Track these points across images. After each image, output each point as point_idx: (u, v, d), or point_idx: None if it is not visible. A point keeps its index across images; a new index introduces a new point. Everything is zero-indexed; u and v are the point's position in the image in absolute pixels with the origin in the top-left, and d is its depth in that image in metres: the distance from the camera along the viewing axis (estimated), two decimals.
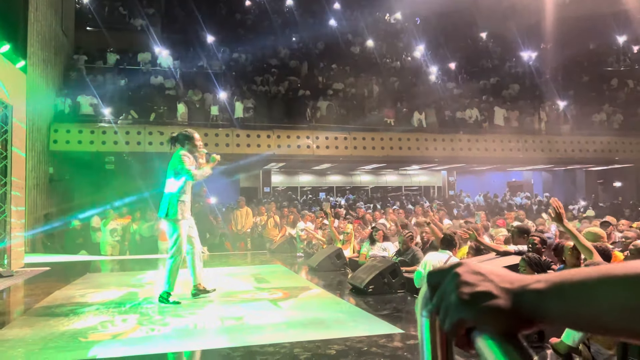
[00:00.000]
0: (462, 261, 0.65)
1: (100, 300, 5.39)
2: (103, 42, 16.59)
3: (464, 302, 0.58)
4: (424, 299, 0.67)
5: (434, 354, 0.67)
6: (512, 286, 0.58)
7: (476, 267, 0.62)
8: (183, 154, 5.02)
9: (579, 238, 3.82)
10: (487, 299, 0.57)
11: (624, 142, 17.01)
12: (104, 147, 13.22)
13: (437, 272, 0.64)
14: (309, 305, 5.03)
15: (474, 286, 0.59)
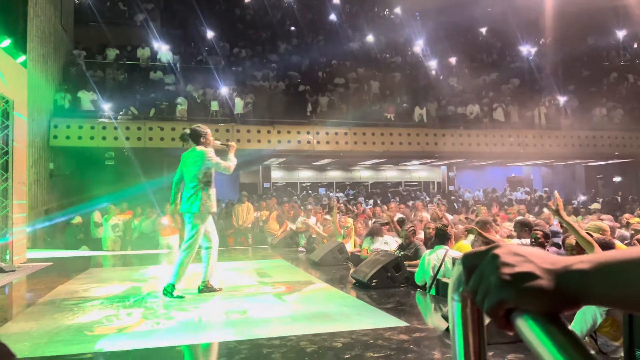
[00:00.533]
0: (500, 243, 0.65)
1: (104, 294, 5.39)
2: (102, 38, 16.56)
3: (505, 282, 0.58)
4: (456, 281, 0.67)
5: (466, 337, 0.67)
6: (554, 267, 0.58)
7: (515, 248, 0.62)
8: (207, 152, 5.12)
9: (579, 231, 3.82)
10: (529, 280, 0.57)
11: (624, 137, 17.03)
12: (104, 142, 13.21)
13: (473, 254, 0.64)
14: (313, 299, 5.04)
15: (514, 267, 0.59)
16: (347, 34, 21.99)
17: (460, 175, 24.04)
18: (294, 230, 10.32)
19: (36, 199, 11.55)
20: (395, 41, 22.69)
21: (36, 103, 11.61)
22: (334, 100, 15.92)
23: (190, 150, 5.24)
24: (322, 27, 22.75)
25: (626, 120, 17.38)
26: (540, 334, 0.56)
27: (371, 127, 15.25)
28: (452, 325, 0.67)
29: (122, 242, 10.76)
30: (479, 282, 0.61)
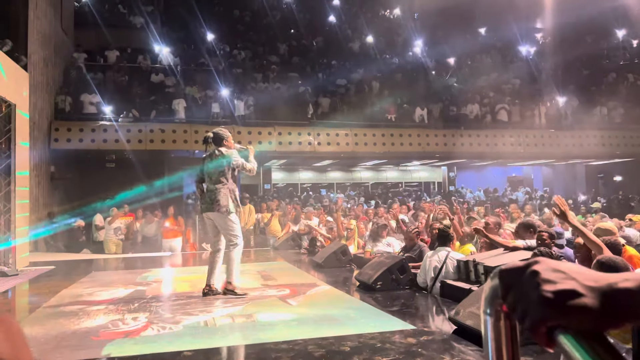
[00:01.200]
0: (539, 259, 0.64)
1: (109, 298, 5.39)
2: (103, 40, 16.56)
3: (547, 300, 0.57)
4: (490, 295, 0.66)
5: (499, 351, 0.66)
6: (597, 284, 0.57)
7: (555, 264, 0.61)
8: (232, 153, 5.31)
9: (586, 234, 3.82)
10: (572, 297, 0.57)
11: (624, 136, 17.05)
12: (105, 145, 13.20)
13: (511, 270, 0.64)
14: (318, 301, 5.03)
15: (556, 284, 0.58)
16: (347, 34, 22.00)
17: (460, 176, 24.03)
18: (296, 232, 10.33)
19: (38, 202, 11.55)
20: (395, 42, 22.70)
21: (37, 106, 11.62)
22: (334, 102, 15.92)
23: (213, 152, 5.35)
24: (322, 28, 22.75)
25: (626, 119, 17.39)
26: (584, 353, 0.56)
27: (372, 128, 15.26)
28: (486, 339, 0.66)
29: (123, 244, 10.76)
30: (519, 299, 0.61)
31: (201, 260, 9.75)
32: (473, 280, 5.03)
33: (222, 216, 5.22)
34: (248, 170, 5.37)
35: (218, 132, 5.43)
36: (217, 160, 5.27)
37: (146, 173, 13.79)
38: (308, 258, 8.60)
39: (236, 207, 5.30)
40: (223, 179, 5.23)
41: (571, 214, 4.18)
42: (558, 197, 4.16)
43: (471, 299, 3.95)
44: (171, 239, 10.24)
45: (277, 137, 14.43)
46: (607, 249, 3.83)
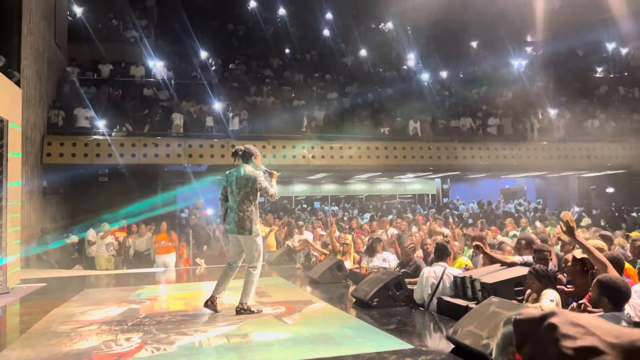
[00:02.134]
0: (556, 310, 0.62)
1: (101, 318, 5.30)
2: (96, 54, 16.55)
3: (567, 357, 0.55)
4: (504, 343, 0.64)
5: None
6: (619, 341, 0.55)
7: (574, 317, 0.59)
8: (259, 175, 5.29)
9: (592, 251, 3.80)
10: (593, 355, 0.54)
11: (616, 149, 17.17)
12: (98, 159, 13.13)
13: (527, 321, 0.62)
14: (314, 320, 4.97)
15: (576, 340, 0.56)
16: (341, 48, 22.15)
17: (454, 188, 24.12)
18: (291, 247, 10.26)
19: (30, 218, 11.42)
20: (388, 55, 22.87)
21: (29, 121, 11.55)
22: (328, 115, 15.96)
23: (238, 170, 5.31)
24: (316, 42, 22.89)
25: (617, 132, 17.55)
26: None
27: (366, 141, 15.29)
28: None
29: (115, 260, 10.64)
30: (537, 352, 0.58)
31: (195, 276, 9.67)
32: (470, 297, 5.01)
33: (248, 238, 5.26)
34: (270, 195, 5.33)
35: (249, 148, 5.43)
36: (242, 180, 5.23)
37: (139, 187, 13.70)
38: (303, 273, 8.54)
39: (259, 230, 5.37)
40: (248, 200, 5.24)
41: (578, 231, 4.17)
42: (566, 213, 4.16)
43: (469, 317, 3.92)
44: (164, 255, 10.14)
45: (271, 150, 14.42)
46: (612, 267, 3.81)
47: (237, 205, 5.24)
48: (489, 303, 3.92)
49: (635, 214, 16.10)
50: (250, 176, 5.23)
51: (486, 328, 3.61)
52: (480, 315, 3.81)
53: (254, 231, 5.25)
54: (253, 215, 5.27)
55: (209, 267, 10.33)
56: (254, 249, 5.31)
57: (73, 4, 16.85)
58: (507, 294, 4.61)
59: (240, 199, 5.24)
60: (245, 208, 5.23)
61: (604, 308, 3.32)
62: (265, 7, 23.99)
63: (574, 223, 3.87)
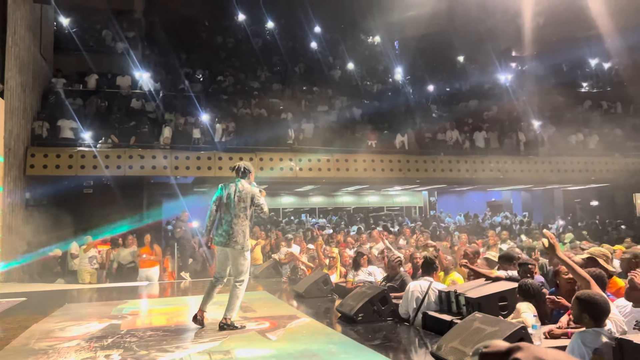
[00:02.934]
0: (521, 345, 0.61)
1: (81, 334, 5.19)
2: (82, 66, 16.43)
3: None
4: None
5: None
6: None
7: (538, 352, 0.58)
8: (256, 191, 5.40)
9: (574, 268, 3.82)
10: None
11: (599, 162, 17.41)
12: (82, 171, 12.97)
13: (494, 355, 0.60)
14: (298, 336, 4.92)
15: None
16: (329, 61, 22.27)
17: (441, 200, 24.22)
18: (277, 260, 10.20)
19: (11, 230, 11.23)
20: (375, 69, 23.05)
21: (13, 132, 11.41)
22: (316, 128, 15.98)
23: (236, 183, 5.38)
24: (304, 55, 23.00)
25: (601, 146, 17.81)
26: None
27: (353, 154, 15.32)
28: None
29: (98, 274, 10.47)
30: None
31: (180, 290, 9.55)
32: (455, 312, 4.99)
33: (238, 252, 5.30)
34: (264, 212, 5.48)
35: (248, 165, 5.57)
36: (242, 194, 5.30)
37: (125, 199, 13.55)
38: (289, 287, 8.47)
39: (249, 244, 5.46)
40: (244, 215, 5.30)
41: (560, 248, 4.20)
42: (546, 232, 4.17)
43: (453, 333, 3.91)
44: (147, 268, 10.00)
45: (259, 162, 14.37)
46: (594, 283, 3.83)
47: (231, 219, 5.27)
48: (473, 319, 3.92)
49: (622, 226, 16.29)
50: (249, 191, 5.33)
51: (470, 344, 3.60)
52: (464, 331, 3.80)
53: (245, 246, 5.30)
54: (246, 229, 5.33)
55: (193, 281, 10.22)
56: (241, 264, 5.33)
57: (59, 15, 16.74)
58: (492, 308, 4.61)
59: (236, 212, 5.27)
60: (240, 222, 5.27)
61: (586, 324, 3.33)
62: (254, 20, 24.09)
63: (555, 240, 3.88)
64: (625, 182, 17.65)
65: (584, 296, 3.35)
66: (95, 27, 18.48)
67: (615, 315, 3.48)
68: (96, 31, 18.44)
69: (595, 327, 3.26)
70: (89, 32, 18.25)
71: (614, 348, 3.10)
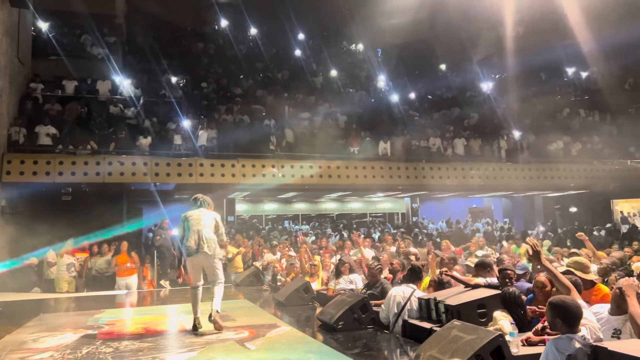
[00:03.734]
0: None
1: (55, 345, 5.06)
2: (62, 71, 16.15)
3: None
4: None
5: None
6: None
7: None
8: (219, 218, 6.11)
9: (556, 275, 3.85)
10: None
11: (578, 169, 17.69)
12: (60, 178, 12.73)
13: None
14: (277, 345, 4.87)
15: None
16: (312, 68, 22.31)
17: (423, 207, 24.34)
18: (258, 267, 10.12)
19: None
20: (358, 76, 23.15)
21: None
22: (298, 134, 15.96)
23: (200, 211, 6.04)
24: (287, 62, 23.02)
25: (579, 153, 18.11)
26: None
27: (336, 160, 15.31)
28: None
29: (76, 282, 10.26)
30: None
31: (159, 299, 9.40)
32: (434, 320, 4.99)
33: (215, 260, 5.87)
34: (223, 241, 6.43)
35: (207, 199, 6.23)
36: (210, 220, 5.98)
37: (104, 206, 13.34)
38: (270, 295, 8.40)
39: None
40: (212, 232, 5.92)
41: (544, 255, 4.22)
42: (531, 239, 4.20)
43: (431, 341, 3.90)
44: (126, 277, 9.84)
45: (241, 169, 14.29)
46: (575, 290, 3.87)
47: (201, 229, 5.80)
48: (452, 327, 3.91)
49: (596, 232, 16.55)
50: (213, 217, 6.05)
51: (448, 352, 3.59)
52: (443, 339, 3.80)
53: (216, 253, 5.87)
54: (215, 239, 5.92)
55: (173, 289, 10.07)
56: (217, 267, 5.91)
57: (38, 20, 16.49)
58: (471, 316, 4.62)
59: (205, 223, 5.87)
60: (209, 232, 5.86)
61: (559, 330, 3.35)
62: (237, 26, 24.06)
63: (539, 248, 3.91)
64: (603, 189, 17.96)
65: (556, 301, 3.38)
66: (75, 32, 18.22)
67: (591, 321, 3.51)
68: (75, 36, 18.18)
69: (569, 333, 3.28)
70: (68, 36, 17.98)
71: (589, 355, 3.11)
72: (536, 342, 3.78)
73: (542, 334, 3.86)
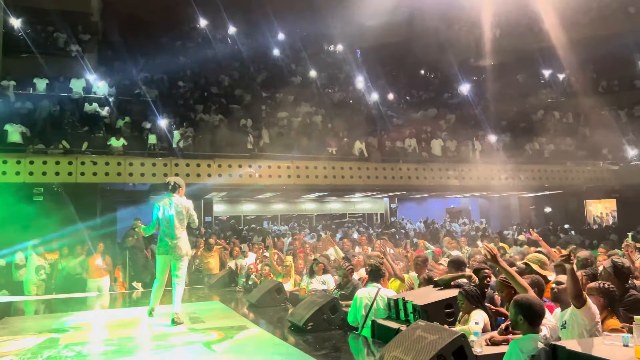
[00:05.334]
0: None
1: (15, 349, 4.92)
2: (35, 68, 15.83)
3: None
4: None
5: None
6: None
7: None
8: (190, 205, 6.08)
9: (514, 276, 3.91)
10: None
11: (552, 170, 17.96)
12: (31, 177, 12.46)
13: None
14: (244, 347, 4.81)
15: None
16: (291, 68, 22.26)
17: (402, 207, 24.47)
18: (232, 269, 10.03)
19: None
20: (337, 76, 23.19)
21: None
22: (276, 134, 15.90)
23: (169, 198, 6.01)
24: (266, 62, 22.93)
25: (554, 154, 18.40)
26: None
27: (313, 160, 15.29)
28: None
29: (46, 285, 10.02)
30: None
31: (130, 301, 9.25)
32: (403, 319, 4.99)
33: (180, 258, 6.01)
34: (194, 223, 6.20)
35: (178, 180, 6.18)
36: (179, 208, 5.97)
37: (77, 207, 13.08)
38: (244, 297, 8.33)
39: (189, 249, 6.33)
40: (181, 226, 5.98)
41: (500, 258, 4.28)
42: (486, 244, 4.25)
43: (396, 341, 3.89)
44: (98, 279, 9.66)
45: (217, 169, 14.16)
46: (531, 290, 3.92)
47: (172, 231, 5.93)
48: (416, 327, 3.91)
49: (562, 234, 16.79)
50: (184, 205, 6.02)
51: (411, 353, 3.59)
52: (407, 339, 3.79)
53: (187, 253, 6.16)
54: (186, 238, 6.13)
55: (145, 291, 9.91)
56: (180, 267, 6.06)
57: (9, 16, 16.13)
58: (438, 315, 4.63)
59: (176, 225, 5.94)
60: (180, 233, 5.99)
61: (521, 329, 3.37)
62: (215, 25, 23.89)
63: (496, 251, 3.96)
64: (576, 190, 18.27)
65: (520, 298, 3.41)
66: (48, 29, 17.87)
67: (550, 321, 3.54)
68: (49, 33, 17.84)
69: (531, 332, 3.31)
70: (41, 34, 17.63)
71: (547, 352, 3.14)
72: (500, 342, 3.80)
73: (506, 333, 3.89)
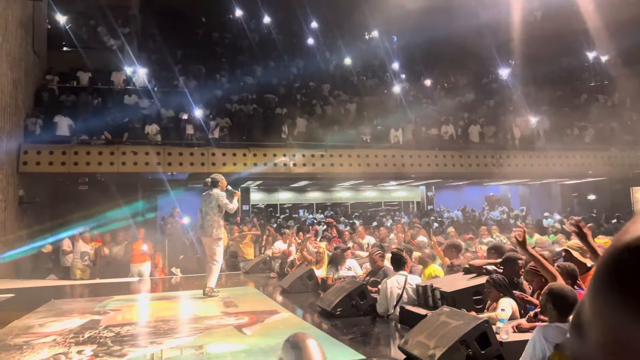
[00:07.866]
0: None
1: (59, 330, 5.22)
2: (77, 62, 16.40)
3: None
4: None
5: None
6: None
7: None
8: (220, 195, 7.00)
9: (542, 263, 3.83)
10: None
11: (595, 156, 17.30)
12: (76, 168, 13.00)
13: None
14: (273, 330, 4.93)
15: None
16: (325, 56, 22.20)
17: (439, 195, 24.16)
18: (269, 255, 10.21)
19: (5, 227, 11.29)
20: (372, 63, 22.97)
21: (5, 129, 11.45)
22: (310, 123, 15.96)
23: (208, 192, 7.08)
24: (300, 50, 22.93)
25: (597, 139, 17.71)
26: None
27: (347, 149, 15.29)
28: None
29: (91, 270, 10.50)
30: None
31: (169, 286, 9.58)
32: (431, 306, 4.99)
33: (212, 240, 7.02)
34: (229, 209, 7.09)
35: (214, 177, 7.18)
36: (209, 199, 7.00)
37: (120, 195, 13.59)
38: (277, 283, 8.49)
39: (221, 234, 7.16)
40: (212, 212, 6.95)
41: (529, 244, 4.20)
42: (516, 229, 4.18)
43: (420, 327, 3.91)
44: (139, 264, 10.04)
45: (252, 158, 14.38)
46: (560, 277, 3.84)
47: (204, 217, 7.00)
48: (440, 313, 3.92)
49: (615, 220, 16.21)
50: (215, 196, 7.00)
51: (434, 338, 3.60)
52: (431, 325, 3.80)
53: (216, 235, 7.01)
54: (215, 224, 7.00)
55: (184, 277, 10.24)
56: (213, 249, 7.06)
57: (53, 12, 16.73)
58: (466, 302, 4.61)
59: (207, 211, 6.98)
60: (210, 218, 6.98)
61: (550, 317, 3.32)
62: (251, 15, 24.02)
63: (523, 237, 3.89)
64: (622, 176, 17.56)
65: (554, 287, 3.35)
66: (90, 24, 18.44)
67: None
68: (91, 27, 18.40)
69: (558, 322, 3.26)
70: (84, 28, 18.21)
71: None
72: (527, 329, 3.76)
73: (535, 320, 3.85)
